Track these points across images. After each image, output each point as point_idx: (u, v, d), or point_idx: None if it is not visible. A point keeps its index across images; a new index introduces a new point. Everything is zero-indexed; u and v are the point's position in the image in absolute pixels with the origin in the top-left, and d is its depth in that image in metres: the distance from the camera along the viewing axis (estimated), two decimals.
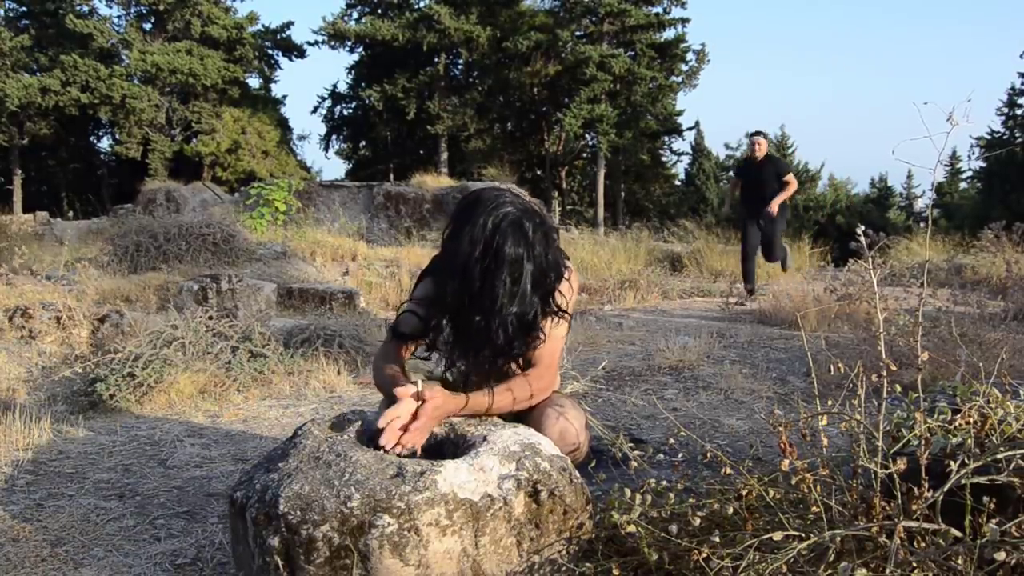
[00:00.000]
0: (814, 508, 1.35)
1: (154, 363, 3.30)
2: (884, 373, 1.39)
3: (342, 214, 12.71)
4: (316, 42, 26.51)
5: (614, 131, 24.14)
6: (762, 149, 6.52)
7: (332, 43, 26.12)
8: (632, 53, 25.41)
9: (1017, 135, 23.56)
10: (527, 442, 1.56)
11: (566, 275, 1.78)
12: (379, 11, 26.32)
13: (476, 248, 1.59)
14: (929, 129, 1.38)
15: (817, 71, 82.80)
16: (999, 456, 1.28)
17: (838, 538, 1.26)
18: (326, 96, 28.46)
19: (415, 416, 1.58)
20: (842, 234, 18.93)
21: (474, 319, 1.64)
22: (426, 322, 1.78)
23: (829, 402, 1.56)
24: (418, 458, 1.54)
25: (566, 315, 1.79)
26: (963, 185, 29.57)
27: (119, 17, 25.46)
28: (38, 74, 23.55)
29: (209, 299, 5.17)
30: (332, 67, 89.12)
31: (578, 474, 1.57)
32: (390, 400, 1.67)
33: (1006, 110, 23.87)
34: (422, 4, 25.69)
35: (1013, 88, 23.71)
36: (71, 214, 13.77)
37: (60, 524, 1.95)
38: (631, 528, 1.41)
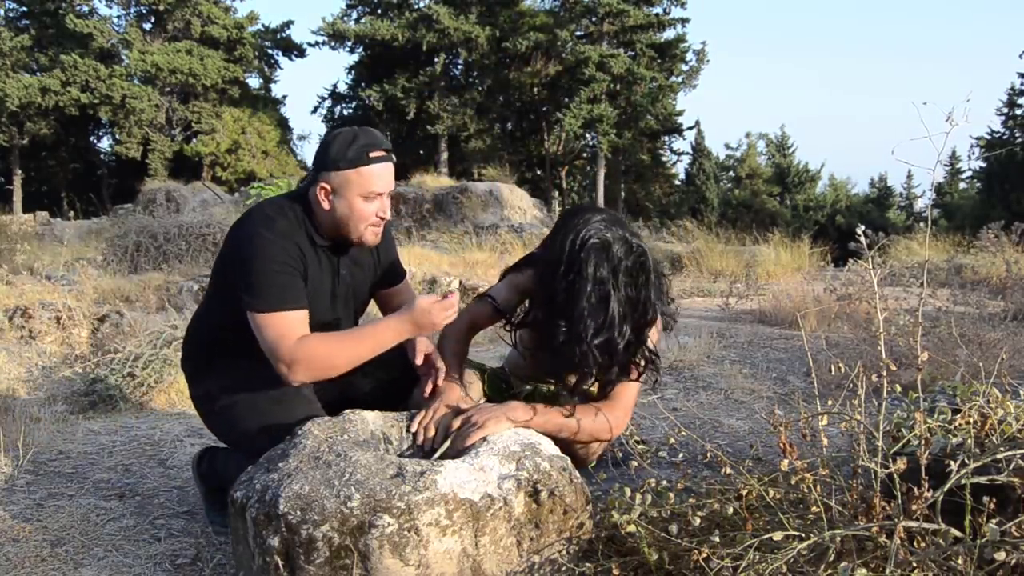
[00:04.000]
0: (814, 508, 1.35)
1: (154, 363, 3.30)
2: (884, 373, 1.39)
3: None
4: (316, 42, 26.53)
5: (614, 131, 24.15)
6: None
7: (332, 43, 26.13)
8: (632, 53, 25.41)
9: (1017, 135, 23.56)
10: (527, 442, 1.56)
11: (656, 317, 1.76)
12: (379, 11, 26.32)
13: (562, 260, 1.66)
14: (928, 129, 1.38)
15: (817, 71, 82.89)
16: (999, 456, 1.28)
17: (838, 538, 1.26)
18: (326, 96, 28.46)
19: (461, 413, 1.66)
20: (842, 234, 18.94)
21: (558, 328, 1.67)
22: (502, 313, 1.89)
23: (829, 402, 1.56)
24: (418, 458, 1.54)
25: (656, 358, 1.78)
26: (963, 185, 29.58)
27: (119, 17, 25.49)
28: (38, 74, 23.57)
29: None
30: (332, 67, 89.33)
31: (578, 474, 1.57)
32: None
33: (1006, 110, 23.88)
34: (422, 4, 25.69)
35: (1013, 88, 23.74)
36: (71, 214, 13.76)
37: (60, 524, 1.94)
38: (631, 528, 1.41)
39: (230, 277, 1.81)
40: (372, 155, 1.75)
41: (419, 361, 1.82)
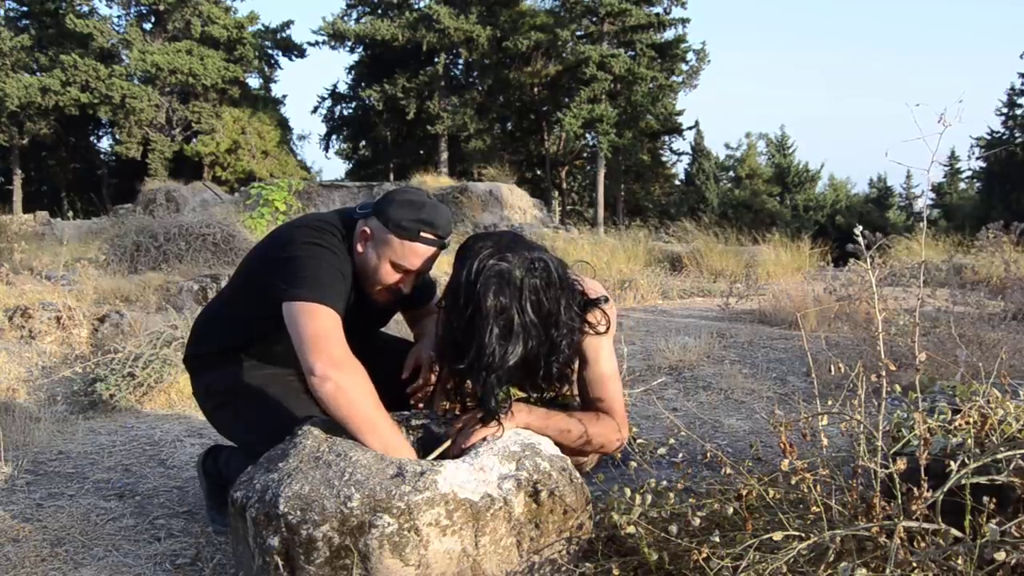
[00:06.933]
0: (814, 508, 1.35)
1: (154, 363, 3.30)
2: (884, 373, 1.39)
3: None
4: (316, 42, 26.57)
5: (614, 131, 24.16)
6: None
7: (332, 43, 26.15)
8: (632, 53, 25.43)
9: (1017, 135, 23.58)
10: (527, 442, 1.56)
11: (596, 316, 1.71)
12: (379, 11, 26.34)
13: (459, 297, 1.53)
14: (923, 130, 1.38)
15: (818, 71, 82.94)
16: (999, 456, 1.28)
17: (838, 538, 1.26)
18: (326, 96, 28.47)
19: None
20: (842, 234, 18.93)
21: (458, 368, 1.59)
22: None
23: (829, 402, 1.56)
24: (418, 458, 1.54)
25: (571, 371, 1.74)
26: (963, 185, 29.59)
27: (119, 17, 25.52)
28: (38, 74, 23.59)
29: (209, 299, 5.17)
30: (332, 67, 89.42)
31: (578, 474, 1.57)
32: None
33: (1006, 110, 23.91)
34: (422, 4, 25.71)
35: (1013, 88, 23.77)
36: (71, 214, 13.77)
37: (60, 524, 1.94)
38: (631, 528, 1.41)
39: (264, 273, 1.73)
40: (423, 235, 1.71)
41: (405, 375, 1.84)
